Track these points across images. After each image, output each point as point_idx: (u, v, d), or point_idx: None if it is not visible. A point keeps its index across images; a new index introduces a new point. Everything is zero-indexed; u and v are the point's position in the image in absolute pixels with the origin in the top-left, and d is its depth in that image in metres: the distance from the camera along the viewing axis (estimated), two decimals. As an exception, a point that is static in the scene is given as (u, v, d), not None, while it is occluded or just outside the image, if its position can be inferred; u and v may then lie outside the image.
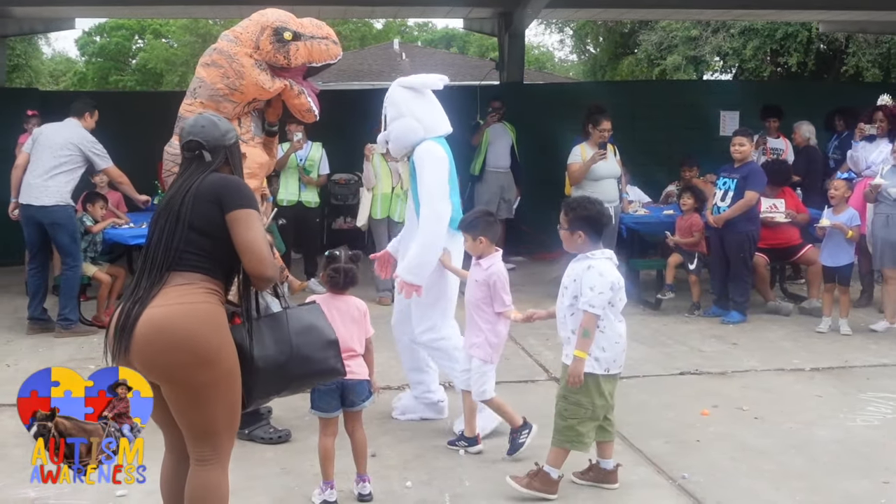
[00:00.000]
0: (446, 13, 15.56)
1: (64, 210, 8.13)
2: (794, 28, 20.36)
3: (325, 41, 5.57)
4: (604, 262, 4.60)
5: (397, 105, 5.75)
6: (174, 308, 3.32)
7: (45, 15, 14.32)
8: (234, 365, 3.41)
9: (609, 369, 4.61)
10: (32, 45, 29.68)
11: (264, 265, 3.42)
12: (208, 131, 3.64)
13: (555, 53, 44.38)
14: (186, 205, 3.45)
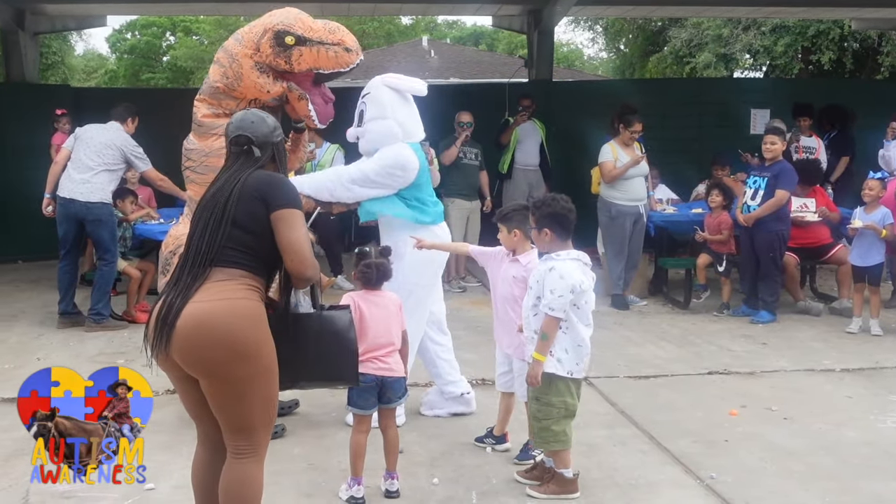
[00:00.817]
0: (475, 10, 15.54)
1: (106, 207, 8.27)
2: (826, 25, 20.17)
3: (336, 48, 5.33)
4: (568, 263, 4.53)
5: (382, 106, 5.64)
6: (215, 304, 3.34)
7: (77, 12, 14.45)
8: (272, 360, 3.45)
9: (572, 372, 4.55)
10: (66, 43, 29.93)
11: (305, 265, 3.45)
12: (257, 127, 3.68)
13: (584, 51, 44.20)
14: (232, 201, 3.47)
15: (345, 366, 3.77)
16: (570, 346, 4.54)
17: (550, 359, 4.53)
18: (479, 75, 23.40)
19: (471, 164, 10.33)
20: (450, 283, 10.30)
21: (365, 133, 5.69)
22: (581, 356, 4.57)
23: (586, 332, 4.60)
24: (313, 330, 3.67)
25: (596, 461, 5.08)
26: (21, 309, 9.21)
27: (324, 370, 3.73)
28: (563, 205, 4.65)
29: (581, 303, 4.53)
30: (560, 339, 4.53)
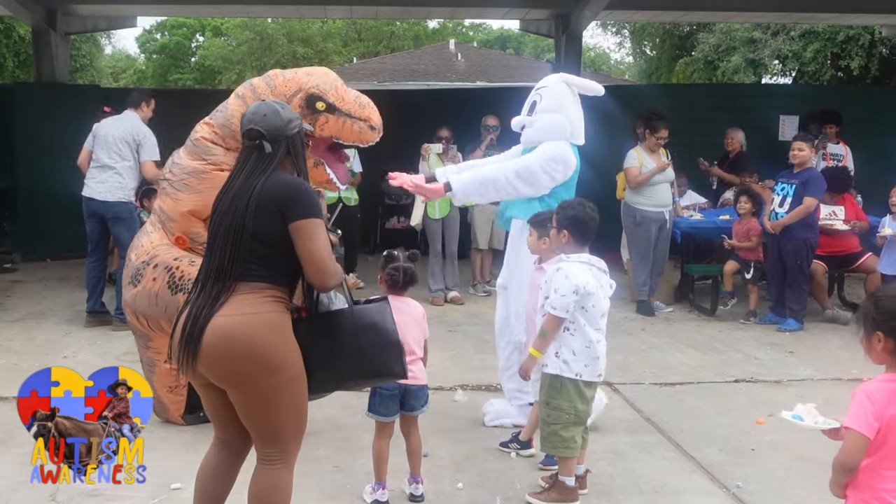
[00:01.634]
0: (503, 14, 15.54)
1: (124, 205, 8.29)
2: (856, 31, 20.02)
3: (362, 124, 5.32)
4: (576, 265, 4.52)
5: (558, 99, 5.69)
6: (242, 318, 3.34)
7: (108, 13, 14.57)
8: (299, 370, 3.44)
9: (580, 374, 4.51)
10: (96, 45, 30.17)
11: (328, 276, 3.43)
12: (270, 120, 3.55)
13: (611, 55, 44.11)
14: (249, 212, 3.42)
15: (388, 358, 3.70)
16: (579, 348, 4.52)
17: (557, 361, 4.52)
18: (505, 79, 23.38)
19: (497, 168, 10.30)
20: (475, 286, 10.31)
21: (534, 122, 5.72)
22: (589, 359, 4.53)
23: (596, 335, 4.56)
24: (348, 325, 3.62)
25: (621, 468, 5.06)
26: (49, 307, 9.29)
27: (367, 365, 3.67)
28: (587, 211, 4.66)
29: (588, 305, 4.51)
30: (567, 340, 4.52)
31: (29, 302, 9.58)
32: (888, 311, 3.02)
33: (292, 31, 34.24)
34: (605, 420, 5.79)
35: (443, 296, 9.77)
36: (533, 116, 5.73)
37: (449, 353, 7.61)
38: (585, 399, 4.55)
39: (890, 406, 2.91)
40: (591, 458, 4.98)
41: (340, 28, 36.32)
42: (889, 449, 2.90)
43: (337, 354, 3.58)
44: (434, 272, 9.78)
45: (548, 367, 4.56)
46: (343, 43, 37.03)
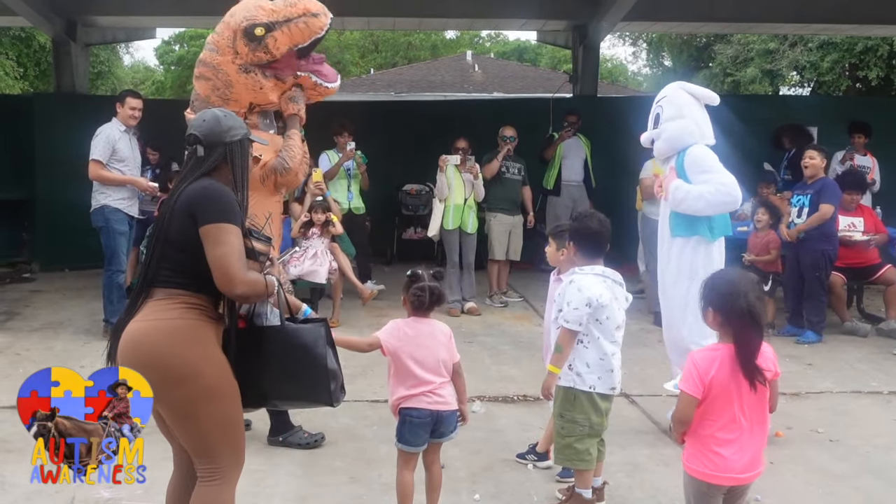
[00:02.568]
0: (520, 25, 15.56)
1: (99, 213, 8.28)
2: (875, 42, 19.97)
3: (303, 18, 5.20)
4: (589, 277, 4.49)
5: (679, 106, 5.78)
6: (149, 324, 3.29)
7: (128, 24, 14.69)
8: (218, 382, 3.32)
9: (594, 387, 4.47)
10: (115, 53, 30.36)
11: (233, 283, 3.27)
12: (208, 126, 3.51)
13: (628, 66, 44.05)
14: (167, 217, 3.39)
15: (315, 384, 3.53)
16: (593, 360, 4.48)
17: (570, 373, 4.49)
18: (522, 90, 23.41)
19: (513, 179, 10.31)
20: (491, 297, 10.30)
21: (661, 133, 5.82)
22: (603, 371, 4.50)
23: (611, 348, 4.52)
24: (278, 343, 3.49)
25: (639, 480, 5.03)
26: (68, 317, 9.33)
27: (292, 387, 3.54)
28: (589, 224, 4.62)
29: (602, 318, 4.47)
30: (581, 353, 4.49)
31: (47, 311, 9.63)
32: (717, 290, 3.58)
33: (309, 42, 34.37)
34: (623, 433, 5.76)
35: (459, 306, 9.76)
36: (659, 128, 5.82)
37: (466, 363, 7.49)
38: (600, 411, 4.52)
39: (711, 370, 3.49)
40: (609, 470, 4.95)
41: (357, 39, 36.45)
42: (709, 403, 3.50)
43: (262, 370, 3.46)
44: (451, 283, 9.77)
45: (561, 379, 4.53)
46: (360, 54, 37.15)
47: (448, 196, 9.67)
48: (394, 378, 4.28)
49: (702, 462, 3.55)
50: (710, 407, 3.52)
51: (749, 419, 3.53)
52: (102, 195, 8.28)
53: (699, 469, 3.57)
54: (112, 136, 8.22)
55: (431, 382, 4.21)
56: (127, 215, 8.43)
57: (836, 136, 11.18)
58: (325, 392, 3.54)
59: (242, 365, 3.41)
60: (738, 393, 3.49)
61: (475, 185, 9.74)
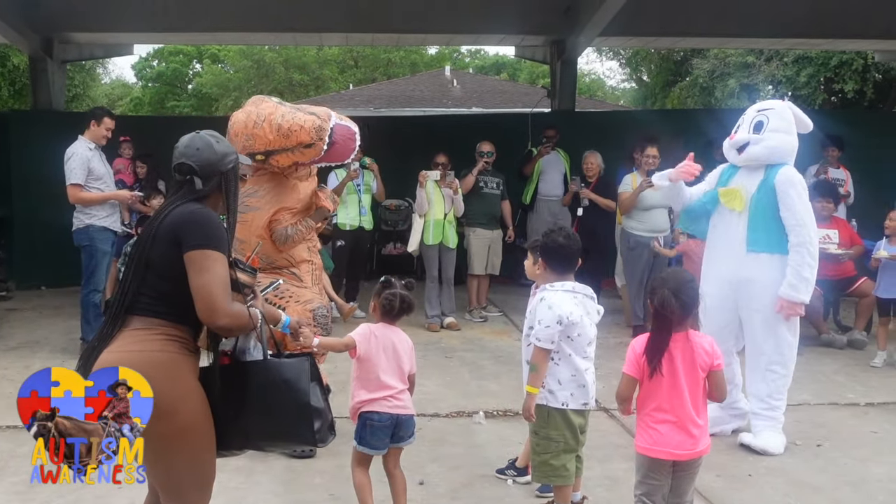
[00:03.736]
0: (499, 41, 15.64)
1: (84, 232, 8.23)
2: (849, 56, 20.15)
3: (298, 149, 5.51)
4: (559, 294, 4.47)
5: (788, 122, 5.89)
6: (126, 355, 3.13)
7: (105, 41, 14.65)
8: (195, 419, 3.21)
9: (567, 404, 4.46)
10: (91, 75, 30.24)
11: (216, 314, 3.14)
12: (203, 154, 3.36)
13: (606, 81, 44.29)
14: (148, 242, 3.24)
15: (297, 422, 3.34)
16: (565, 377, 4.47)
17: (542, 391, 4.47)
18: (501, 105, 23.47)
19: (492, 194, 10.34)
20: (471, 312, 10.31)
21: (763, 140, 5.86)
22: (576, 387, 4.49)
23: (583, 364, 4.51)
24: (260, 379, 3.32)
25: (618, 494, 5.04)
26: (44, 336, 9.27)
27: (273, 425, 3.34)
28: (556, 239, 4.61)
29: (574, 335, 4.46)
30: (553, 370, 4.47)
31: (24, 330, 9.57)
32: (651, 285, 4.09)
33: (289, 58, 34.42)
34: (602, 447, 5.77)
35: (439, 322, 9.76)
36: (762, 134, 5.87)
37: (445, 378, 7.59)
38: (573, 427, 4.51)
39: (641, 349, 3.96)
40: (588, 484, 4.96)
41: (337, 55, 36.49)
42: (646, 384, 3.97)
43: (243, 409, 3.30)
44: (430, 298, 9.78)
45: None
46: (340, 70, 37.19)
47: (428, 211, 9.69)
48: (356, 381, 4.41)
49: (643, 437, 3.99)
50: (648, 387, 3.96)
51: (683, 401, 3.91)
52: (86, 215, 8.23)
53: (641, 444, 4.00)
54: (85, 156, 8.17)
55: (393, 388, 4.38)
56: (112, 232, 8.40)
57: (811, 149, 11.25)
58: (308, 431, 3.35)
59: (224, 404, 3.28)
60: (670, 376, 3.91)
61: (455, 201, 9.75)
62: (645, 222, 9.25)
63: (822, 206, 9.04)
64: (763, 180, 5.85)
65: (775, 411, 5.87)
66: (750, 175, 5.96)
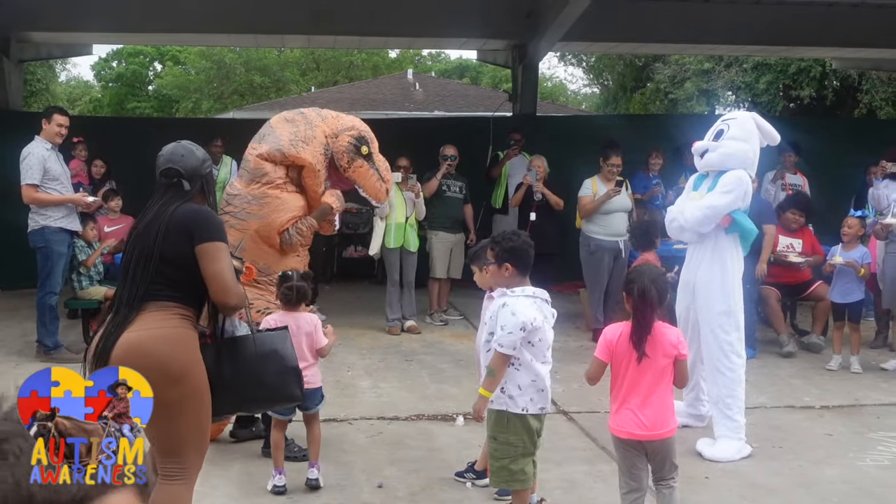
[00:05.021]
0: (461, 45, 15.67)
1: (39, 234, 8.09)
2: (808, 63, 20.42)
3: (383, 185, 5.94)
4: (521, 300, 4.44)
5: (748, 131, 6.00)
6: (149, 332, 3.57)
7: (63, 41, 14.49)
8: (202, 384, 3.65)
9: (527, 409, 4.45)
10: (51, 71, 29.92)
11: (229, 295, 3.66)
12: (187, 160, 3.85)
13: (568, 86, 44.52)
14: (160, 236, 3.65)
15: (287, 382, 3.99)
16: (525, 382, 4.45)
17: (502, 396, 4.45)
18: (463, 108, 23.52)
19: (455, 197, 10.36)
20: (432, 316, 10.30)
21: (720, 147, 5.98)
22: (536, 391, 4.48)
23: (543, 368, 4.51)
24: (250, 351, 3.88)
25: (576, 496, 5.06)
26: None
27: (267, 390, 3.94)
28: (524, 240, 4.63)
29: (535, 340, 4.45)
30: (513, 376, 4.45)
31: (-22, 332, 9.43)
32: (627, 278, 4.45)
33: (250, 60, 34.21)
34: (560, 449, 5.80)
35: (399, 325, 9.75)
36: (720, 141, 6.00)
37: (406, 382, 7.59)
38: (532, 432, 4.51)
39: (615, 340, 4.27)
40: (545, 487, 4.98)
41: (298, 58, 36.36)
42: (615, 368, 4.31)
43: (239, 378, 3.83)
44: (391, 301, 9.76)
45: (493, 402, 4.49)
46: (301, 72, 37.06)
47: (389, 214, 9.67)
48: None
49: (614, 419, 4.31)
50: (616, 371, 4.29)
51: (648, 385, 4.22)
52: (42, 216, 8.08)
53: (612, 425, 4.32)
54: (41, 155, 7.99)
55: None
56: (68, 234, 8.28)
57: (769, 156, 11.36)
58: (297, 389, 4.05)
59: (218, 376, 3.73)
60: (636, 362, 4.21)
61: (416, 204, 9.75)
62: (606, 226, 9.30)
63: (793, 219, 9.15)
64: (711, 185, 6.00)
65: (730, 410, 5.93)
66: (710, 182, 6.10)
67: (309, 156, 5.65)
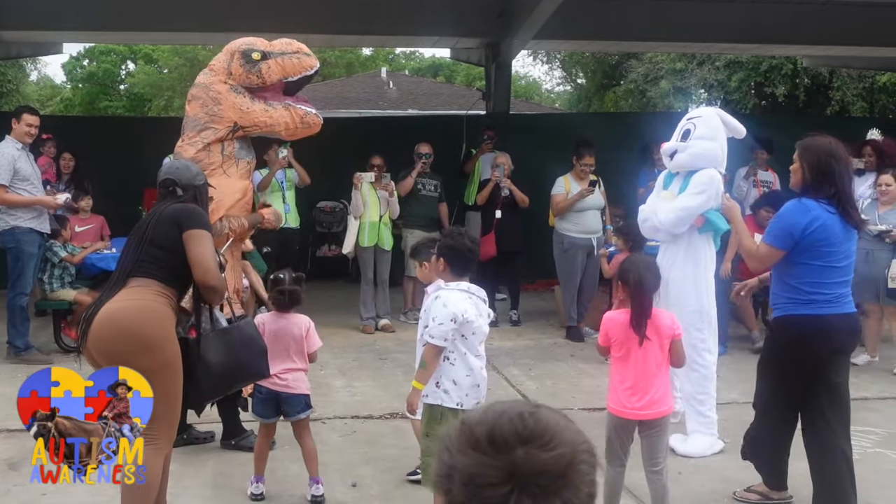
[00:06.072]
0: (433, 43, 15.67)
1: (9, 234, 8.02)
2: (779, 61, 20.56)
3: (297, 55, 5.76)
4: (454, 293, 4.45)
5: (713, 129, 6.01)
6: (126, 303, 3.93)
7: (33, 39, 14.33)
8: (173, 358, 3.97)
9: (462, 404, 4.43)
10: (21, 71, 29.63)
11: (210, 275, 4.05)
12: (181, 173, 4.44)
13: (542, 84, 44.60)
14: (151, 225, 4.14)
15: (260, 361, 4.49)
16: (460, 377, 4.46)
17: (437, 391, 4.46)
18: (437, 107, 23.51)
19: (429, 196, 10.36)
20: (406, 314, 10.30)
21: (689, 148, 5.98)
22: (471, 386, 4.49)
23: (477, 362, 4.52)
24: (237, 338, 4.37)
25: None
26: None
27: (248, 369, 4.44)
28: (464, 242, 4.61)
29: (468, 333, 4.45)
30: (447, 370, 4.45)
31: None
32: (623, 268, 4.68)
33: (223, 58, 33.95)
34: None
35: (374, 324, 9.74)
36: (688, 142, 5.99)
37: (380, 381, 7.59)
38: None
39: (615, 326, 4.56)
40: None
41: (272, 55, 36.13)
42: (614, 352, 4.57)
43: (231, 364, 4.26)
44: (365, 300, 9.75)
45: (428, 397, 4.48)
46: (275, 70, 36.82)
47: (363, 213, 9.66)
48: None
49: (611, 398, 4.58)
50: (617, 355, 4.54)
51: (644, 367, 4.47)
52: (11, 217, 8.00)
53: (610, 405, 4.60)
54: (11, 155, 7.91)
55: (279, 367, 4.90)
56: (39, 234, 8.20)
57: (741, 153, 11.42)
58: (266, 366, 4.54)
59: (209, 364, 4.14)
60: (633, 346, 4.47)
61: (390, 203, 9.74)
62: (578, 224, 9.33)
63: (767, 217, 9.19)
64: (682, 185, 6.05)
65: (702, 406, 5.99)
66: (681, 181, 6.14)
67: (229, 114, 5.72)
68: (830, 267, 4.73)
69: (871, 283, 8.27)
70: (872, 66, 18.17)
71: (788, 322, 4.79)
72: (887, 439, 6.18)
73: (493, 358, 8.40)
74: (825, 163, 4.78)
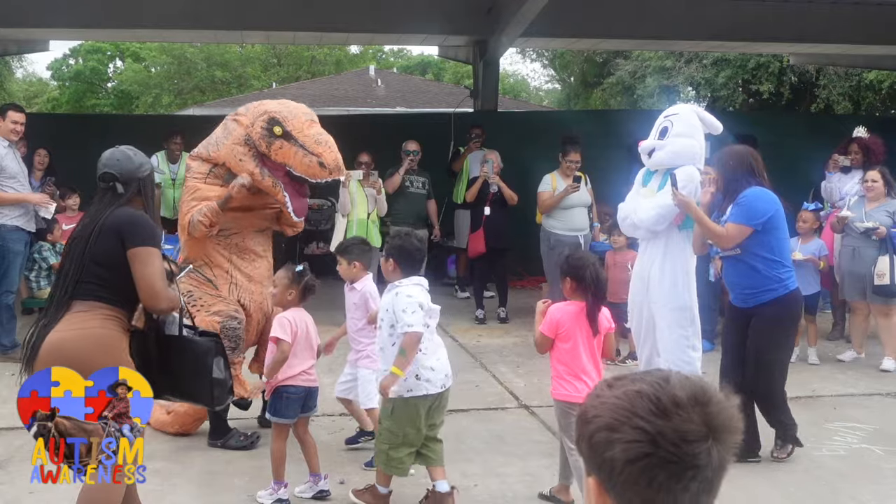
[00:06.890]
0: (421, 40, 15.67)
1: None
2: (766, 59, 20.64)
3: (312, 158, 5.52)
4: (411, 287, 4.66)
5: (691, 126, 6.04)
6: (70, 332, 3.68)
7: (19, 36, 14.29)
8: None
9: (411, 390, 4.59)
10: (7, 68, 29.50)
11: (158, 299, 3.82)
12: (122, 164, 4.02)
13: (530, 82, 44.63)
14: (92, 239, 3.82)
15: (200, 387, 4.09)
16: (432, 362, 4.66)
17: (419, 383, 4.62)
18: (425, 104, 23.52)
19: (417, 193, 10.36)
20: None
21: (667, 146, 6.01)
22: (445, 368, 4.72)
23: (442, 346, 4.81)
24: (174, 349, 4.05)
25: (537, 490, 5.09)
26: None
27: (181, 387, 4.10)
28: (411, 241, 4.83)
29: (430, 320, 4.68)
30: (422, 360, 4.64)
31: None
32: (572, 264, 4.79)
33: (211, 55, 33.91)
34: (522, 443, 5.83)
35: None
36: (665, 140, 6.01)
37: (367, 378, 7.57)
38: (416, 421, 4.63)
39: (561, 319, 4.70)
40: (508, 481, 5.01)
41: (260, 53, 36.13)
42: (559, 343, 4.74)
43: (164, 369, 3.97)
44: (353, 298, 9.73)
45: (412, 391, 4.60)
46: (263, 68, 36.82)
47: (351, 211, 9.65)
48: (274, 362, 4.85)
49: (556, 387, 4.75)
50: (564, 345, 4.71)
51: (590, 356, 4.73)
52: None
53: (555, 393, 4.76)
54: None
55: (308, 363, 4.93)
56: (25, 232, 8.16)
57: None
58: (207, 396, 4.14)
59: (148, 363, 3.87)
60: (580, 338, 4.69)
61: (378, 201, 9.73)
62: (565, 221, 9.33)
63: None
64: (661, 183, 6.06)
65: None
66: (660, 178, 6.15)
67: (224, 153, 5.72)
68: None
69: (857, 280, 8.31)
70: (858, 64, 18.25)
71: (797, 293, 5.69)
72: (873, 435, 6.21)
73: (482, 355, 8.44)
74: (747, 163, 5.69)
